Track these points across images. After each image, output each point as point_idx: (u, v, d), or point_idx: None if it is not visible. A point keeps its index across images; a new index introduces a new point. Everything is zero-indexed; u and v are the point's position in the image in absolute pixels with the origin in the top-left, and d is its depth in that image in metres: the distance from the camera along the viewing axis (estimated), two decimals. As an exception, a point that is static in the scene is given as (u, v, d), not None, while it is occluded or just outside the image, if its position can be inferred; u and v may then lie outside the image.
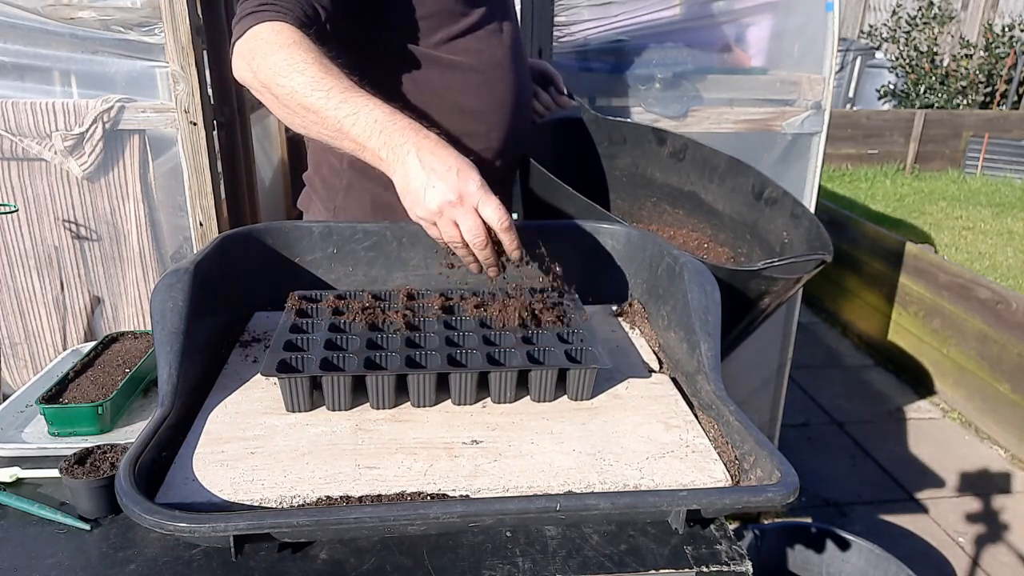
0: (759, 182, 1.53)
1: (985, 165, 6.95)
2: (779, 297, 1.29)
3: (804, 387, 3.48)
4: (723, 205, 1.59)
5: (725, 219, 1.59)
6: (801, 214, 1.45)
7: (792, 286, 1.29)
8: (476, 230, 0.91)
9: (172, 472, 0.73)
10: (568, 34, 2.06)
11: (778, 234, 1.49)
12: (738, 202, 1.56)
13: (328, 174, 1.35)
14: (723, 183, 1.58)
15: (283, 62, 0.99)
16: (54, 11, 1.74)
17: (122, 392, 0.95)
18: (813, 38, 2.09)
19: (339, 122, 0.97)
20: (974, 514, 2.65)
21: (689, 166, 1.62)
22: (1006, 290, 3.08)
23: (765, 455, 0.73)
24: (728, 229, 1.59)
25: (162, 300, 0.86)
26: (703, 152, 1.60)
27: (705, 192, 1.61)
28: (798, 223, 1.45)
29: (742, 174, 1.56)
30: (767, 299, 1.26)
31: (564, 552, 0.71)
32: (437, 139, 0.95)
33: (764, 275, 1.22)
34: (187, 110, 1.80)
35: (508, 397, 0.88)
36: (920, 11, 8.50)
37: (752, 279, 1.22)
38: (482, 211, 0.91)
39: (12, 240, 1.91)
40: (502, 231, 0.92)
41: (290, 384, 0.84)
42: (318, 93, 0.97)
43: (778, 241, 1.48)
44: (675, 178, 1.64)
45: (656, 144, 1.63)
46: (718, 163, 1.58)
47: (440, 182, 0.91)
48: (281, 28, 1.02)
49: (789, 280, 1.25)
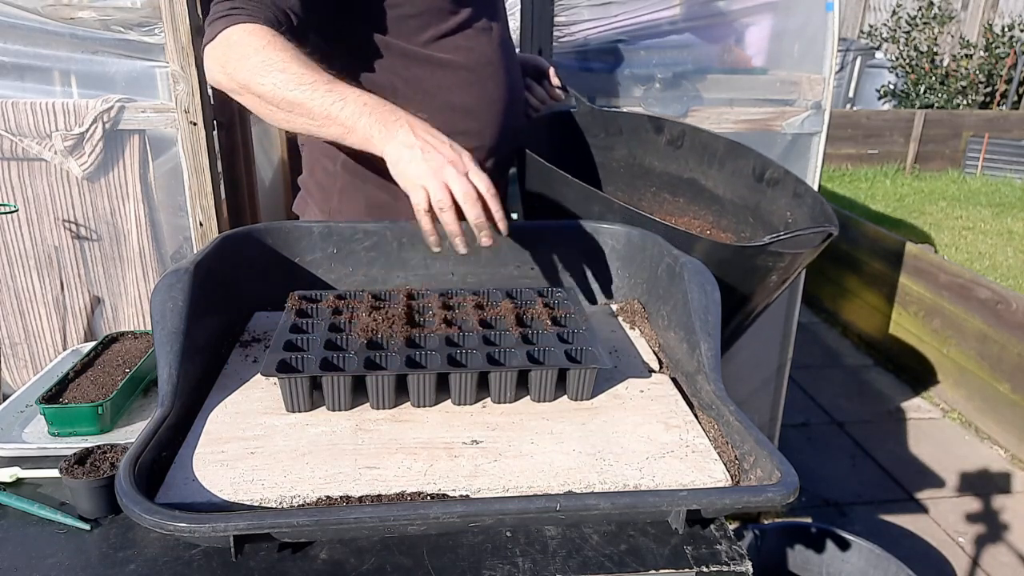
0: (759, 164, 1.51)
1: (985, 165, 6.95)
2: (786, 274, 1.26)
3: (804, 387, 3.48)
4: (724, 190, 1.57)
5: (727, 204, 1.57)
6: (804, 192, 1.43)
7: (799, 261, 1.27)
8: (467, 188, 0.94)
9: (172, 472, 0.73)
10: (568, 34, 2.06)
11: (781, 214, 1.47)
12: (739, 185, 1.54)
13: (322, 177, 1.35)
14: (723, 167, 1.56)
15: (261, 62, 1.01)
16: (54, 11, 1.74)
17: (122, 392, 0.95)
18: (813, 38, 2.09)
19: (326, 109, 0.99)
20: (974, 514, 2.65)
21: (688, 153, 1.60)
22: (1006, 290, 3.08)
23: (765, 455, 0.73)
24: (730, 214, 1.56)
25: (162, 300, 0.86)
26: (701, 137, 1.58)
27: (705, 178, 1.59)
28: (801, 202, 1.43)
29: (742, 156, 1.53)
30: (774, 276, 1.24)
31: (564, 552, 0.71)
32: (426, 119, 1.01)
33: (770, 250, 1.20)
34: (187, 110, 1.80)
35: (508, 397, 0.88)
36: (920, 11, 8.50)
37: (758, 255, 1.20)
38: (472, 178, 0.96)
39: (12, 240, 1.91)
40: (490, 197, 0.96)
41: (290, 384, 0.84)
42: (302, 87, 1.00)
43: (782, 221, 1.46)
44: (674, 166, 1.62)
45: (653, 132, 1.62)
46: (717, 147, 1.56)
47: (434, 148, 0.96)
48: (253, 29, 1.03)
49: (796, 255, 1.23)
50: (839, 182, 6.66)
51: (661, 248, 1.08)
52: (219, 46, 1.04)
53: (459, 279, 1.15)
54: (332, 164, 1.33)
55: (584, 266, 1.19)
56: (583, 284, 1.19)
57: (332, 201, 1.34)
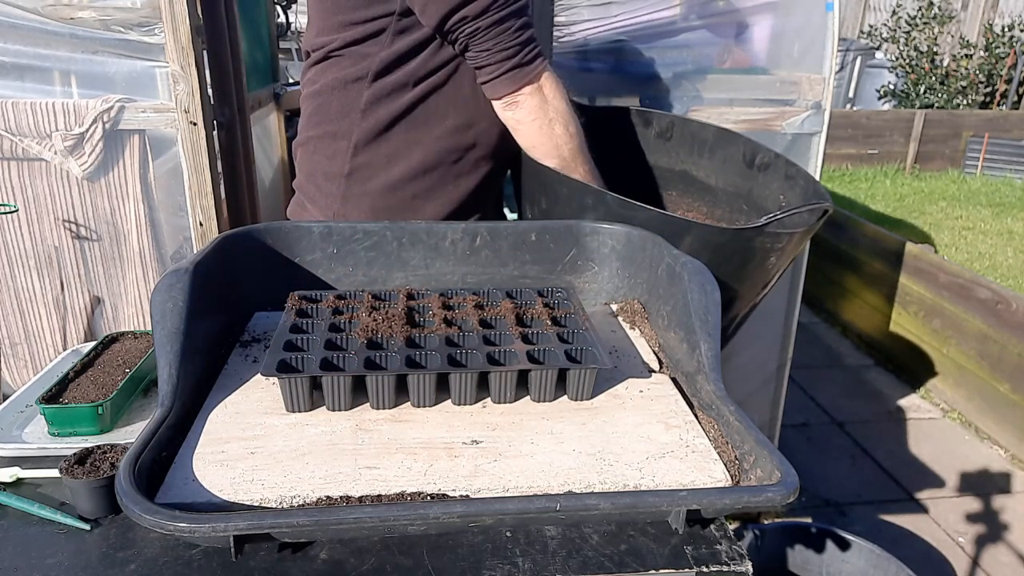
0: (749, 149, 1.50)
1: (985, 165, 6.96)
2: (786, 255, 1.26)
3: (804, 387, 3.48)
4: (716, 179, 1.56)
5: (719, 193, 1.56)
6: (796, 174, 1.43)
7: (798, 241, 1.26)
8: None
9: (172, 472, 0.73)
10: (568, 34, 2.06)
11: (775, 198, 1.46)
12: (730, 173, 1.53)
13: (324, 181, 1.35)
14: (713, 156, 1.55)
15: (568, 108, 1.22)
16: (54, 11, 1.74)
17: (122, 392, 0.95)
18: (813, 38, 2.09)
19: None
20: (974, 514, 2.65)
21: (677, 144, 1.59)
22: (1006, 290, 3.08)
23: (765, 455, 0.73)
24: (723, 203, 1.56)
25: (162, 300, 0.86)
26: (691, 128, 1.57)
27: (696, 168, 1.58)
28: (793, 184, 1.43)
29: (731, 143, 1.52)
30: (773, 257, 1.23)
31: (564, 552, 0.71)
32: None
33: (767, 231, 1.19)
34: (187, 110, 1.80)
35: (508, 397, 0.88)
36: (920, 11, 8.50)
37: (756, 237, 1.19)
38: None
39: (12, 240, 1.91)
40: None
41: (290, 384, 0.84)
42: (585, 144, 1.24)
43: (776, 205, 1.45)
44: (664, 159, 1.61)
45: (642, 126, 1.61)
46: (706, 136, 1.55)
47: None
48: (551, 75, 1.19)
49: (793, 234, 1.23)
50: (839, 182, 6.66)
51: (661, 248, 1.08)
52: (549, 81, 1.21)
53: (459, 279, 1.15)
54: (337, 169, 1.33)
55: (584, 266, 1.19)
56: (583, 284, 1.19)
57: (335, 205, 1.34)
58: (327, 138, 1.33)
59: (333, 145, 1.32)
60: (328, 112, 1.31)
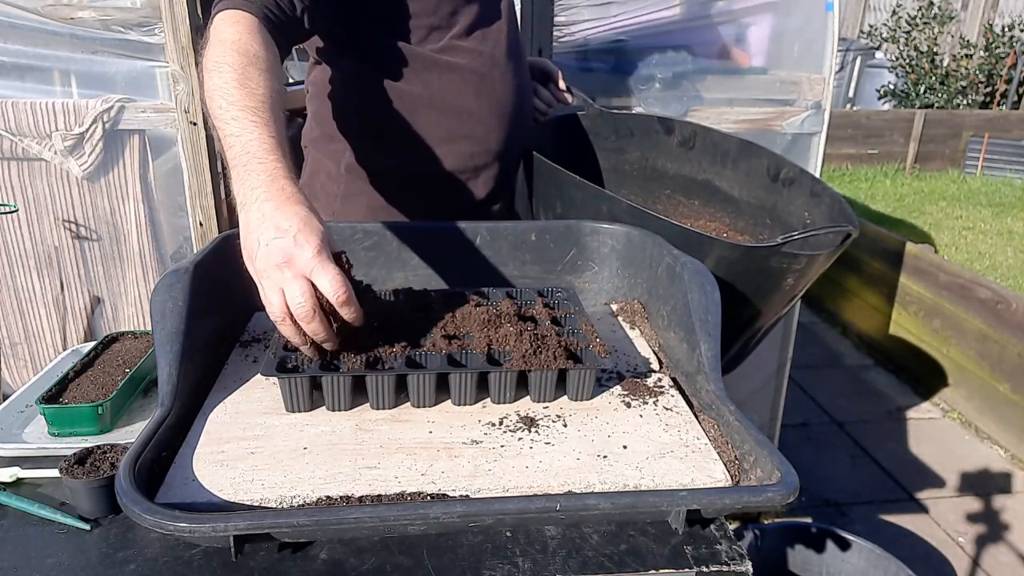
0: (774, 163, 1.48)
1: (985, 165, 6.95)
2: (804, 277, 1.23)
3: (804, 387, 3.48)
4: (739, 191, 1.54)
5: (742, 205, 1.54)
6: (821, 192, 1.40)
7: (818, 264, 1.23)
8: (300, 298, 0.77)
9: (172, 472, 0.73)
10: (568, 34, 2.06)
11: (799, 215, 1.44)
12: (754, 186, 1.51)
13: (326, 180, 1.35)
14: (737, 168, 1.53)
15: (215, 58, 0.94)
16: (54, 11, 1.74)
17: (122, 392, 0.95)
18: (813, 38, 2.09)
19: (223, 139, 0.89)
20: (974, 514, 2.65)
21: (700, 154, 1.57)
22: (1006, 290, 3.08)
23: (765, 455, 0.73)
24: (746, 216, 1.53)
25: (162, 300, 0.86)
26: (713, 137, 1.56)
27: (719, 179, 1.56)
28: (819, 201, 1.40)
29: (755, 156, 1.51)
30: (790, 278, 1.21)
31: (564, 552, 0.71)
32: (293, 191, 0.82)
33: (784, 251, 1.16)
34: (187, 110, 1.80)
35: (508, 397, 0.88)
36: (920, 11, 8.50)
37: (772, 256, 1.17)
38: (316, 280, 0.78)
39: (12, 240, 1.91)
40: (339, 304, 0.79)
41: (290, 384, 0.84)
42: (222, 101, 0.90)
43: (800, 222, 1.43)
44: (687, 168, 1.59)
45: (664, 134, 1.59)
46: (729, 147, 1.54)
47: (275, 241, 0.78)
48: (237, 19, 0.97)
49: (812, 257, 1.20)
50: (839, 182, 6.66)
51: (661, 248, 1.07)
52: (209, 28, 0.99)
53: (459, 279, 1.15)
54: (336, 167, 1.33)
55: (584, 266, 1.19)
56: (583, 284, 1.19)
57: (335, 204, 1.34)
58: (326, 138, 1.34)
59: (332, 145, 1.33)
60: (328, 112, 1.32)
